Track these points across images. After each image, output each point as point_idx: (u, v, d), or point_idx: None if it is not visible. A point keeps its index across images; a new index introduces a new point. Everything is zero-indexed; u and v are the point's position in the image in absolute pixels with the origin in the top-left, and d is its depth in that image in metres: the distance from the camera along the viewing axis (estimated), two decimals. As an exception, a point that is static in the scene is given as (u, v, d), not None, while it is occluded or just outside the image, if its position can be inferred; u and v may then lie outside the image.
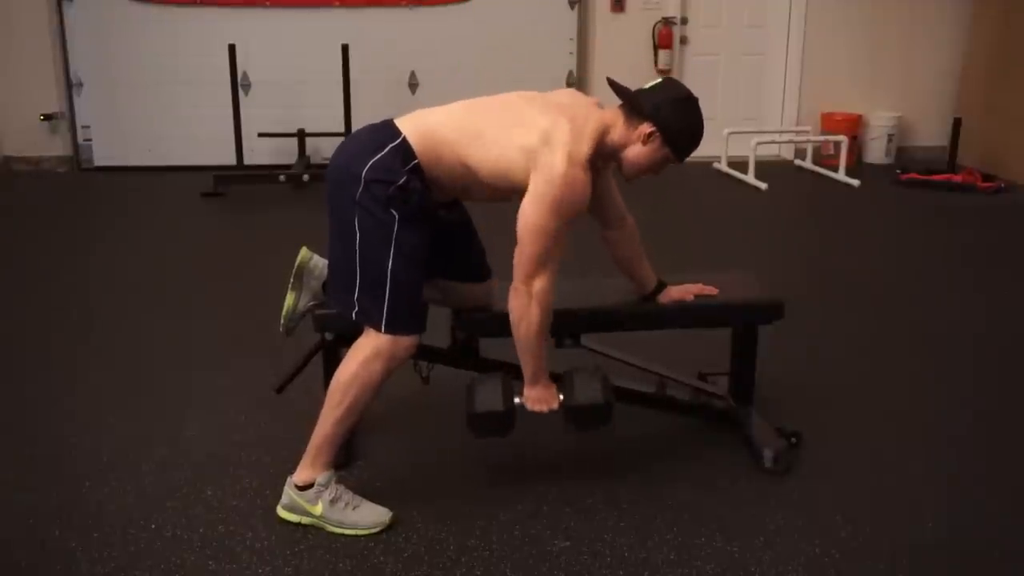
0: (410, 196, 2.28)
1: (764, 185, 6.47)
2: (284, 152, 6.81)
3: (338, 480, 2.42)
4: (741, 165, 6.76)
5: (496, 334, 2.67)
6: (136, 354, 3.54)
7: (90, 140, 7.06)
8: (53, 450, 2.80)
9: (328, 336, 2.65)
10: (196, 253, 4.95)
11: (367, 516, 2.39)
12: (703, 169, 7.06)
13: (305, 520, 2.39)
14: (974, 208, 6.07)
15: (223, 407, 3.08)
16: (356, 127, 2.87)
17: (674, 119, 2.35)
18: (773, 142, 7.25)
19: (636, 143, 2.36)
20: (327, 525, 2.38)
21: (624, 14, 7.19)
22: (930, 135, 7.53)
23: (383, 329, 2.31)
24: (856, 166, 7.19)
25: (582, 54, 7.34)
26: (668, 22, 7.22)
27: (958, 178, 6.62)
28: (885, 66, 7.44)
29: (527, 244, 2.27)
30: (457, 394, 3.03)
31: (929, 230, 5.56)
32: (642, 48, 7.18)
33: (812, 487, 2.62)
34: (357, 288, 2.32)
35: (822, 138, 7.17)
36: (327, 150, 6.79)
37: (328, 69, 6.47)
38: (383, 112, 2.44)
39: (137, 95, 6.96)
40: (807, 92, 7.47)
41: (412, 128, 2.33)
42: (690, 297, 2.75)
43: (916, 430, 2.98)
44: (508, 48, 7.03)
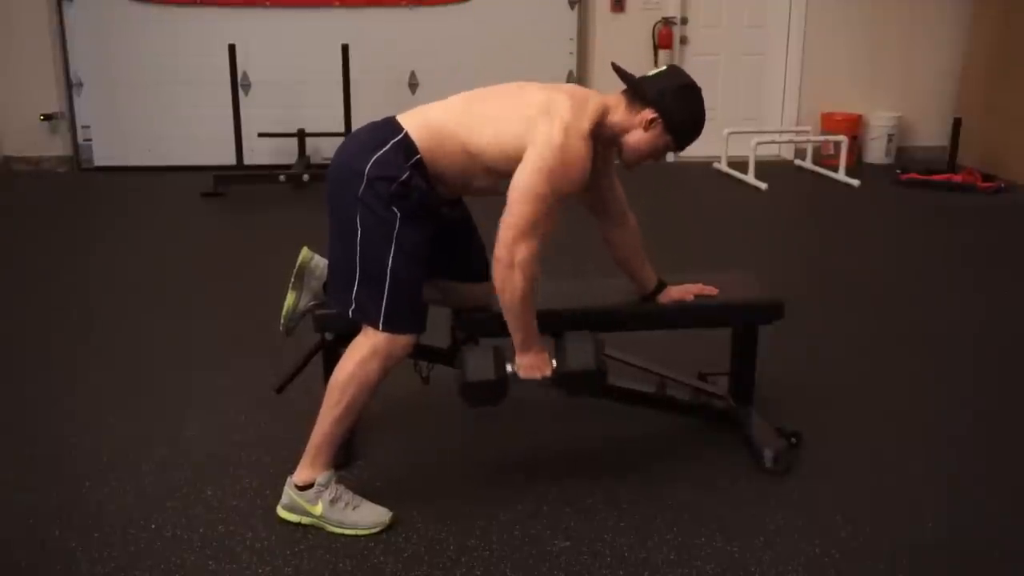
0: (412, 193, 2.28)
1: (764, 185, 6.46)
2: (284, 152, 6.81)
3: (338, 480, 2.42)
4: (741, 165, 6.75)
5: (496, 334, 2.67)
6: (136, 354, 3.54)
7: (90, 140, 7.06)
8: (53, 450, 2.80)
9: (328, 336, 2.65)
10: (196, 253, 4.95)
11: (367, 516, 2.39)
12: (703, 169, 7.04)
13: (305, 520, 2.39)
14: (974, 208, 6.07)
15: (223, 407, 3.08)
16: (356, 127, 2.87)
17: (677, 106, 2.35)
18: (773, 142, 7.25)
19: (637, 129, 2.36)
20: (327, 525, 2.37)
21: (624, 14, 7.19)
22: (930, 135, 7.53)
23: (380, 327, 2.31)
24: (856, 166, 7.18)
25: (582, 54, 7.34)
26: (668, 22, 7.22)
27: (958, 178, 6.62)
28: (885, 66, 7.43)
29: (515, 209, 2.23)
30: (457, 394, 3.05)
31: (929, 230, 5.56)
32: (642, 48, 7.18)
33: (812, 487, 2.62)
34: (356, 285, 2.32)
35: (822, 138, 7.17)
36: (327, 150, 6.80)
37: (328, 69, 6.47)
38: (383, 112, 2.44)
39: (137, 95, 6.96)
40: (807, 92, 7.47)
41: (413, 123, 2.34)
42: (690, 297, 2.75)
43: (916, 430, 2.98)
44: (508, 48, 7.03)
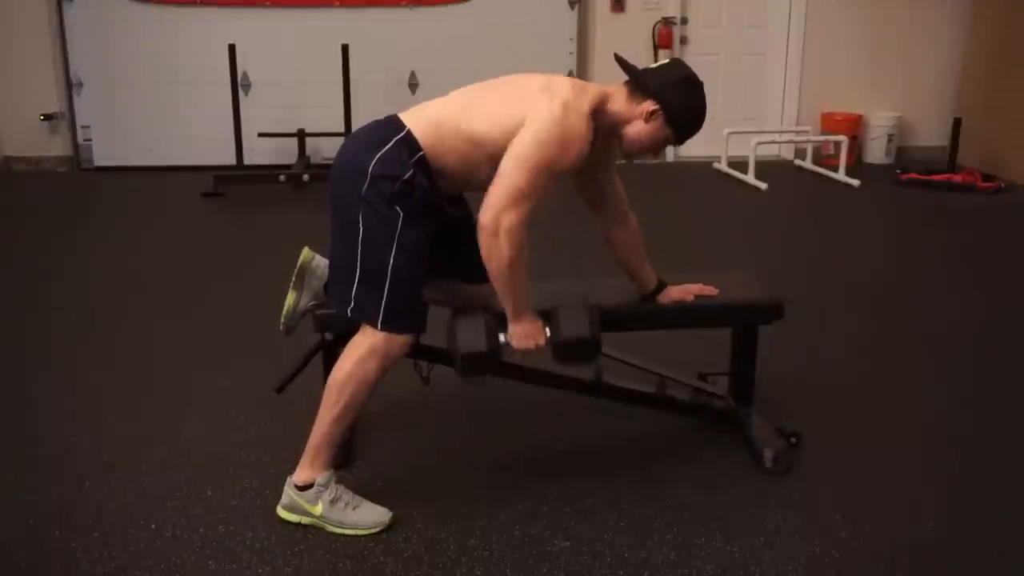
0: (415, 191, 2.28)
1: (764, 185, 6.46)
2: (284, 152, 6.81)
3: (338, 480, 2.42)
4: (741, 165, 6.75)
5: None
6: (136, 354, 3.54)
7: (90, 140, 7.06)
8: (53, 450, 2.80)
9: (328, 336, 2.65)
10: (196, 253, 4.95)
11: (367, 516, 2.38)
12: (703, 169, 7.04)
13: (305, 520, 2.39)
14: (974, 208, 6.07)
15: (223, 407, 3.08)
16: (356, 127, 2.87)
17: (678, 99, 2.35)
18: (773, 142, 7.25)
19: (638, 120, 2.36)
20: (327, 525, 2.37)
21: (624, 14, 7.19)
22: (930, 135, 7.53)
23: (379, 326, 2.31)
24: (856, 166, 7.18)
25: (582, 54, 7.34)
26: (668, 22, 7.22)
27: (958, 178, 6.62)
28: (885, 66, 7.43)
29: (506, 177, 2.22)
30: (457, 394, 3.05)
31: (929, 230, 5.56)
32: (642, 48, 7.17)
33: (812, 487, 2.62)
34: (356, 283, 2.32)
35: (822, 138, 7.17)
36: (327, 150, 6.80)
37: (328, 69, 6.47)
38: (383, 112, 2.44)
39: (137, 95, 6.95)
40: (807, 92, 7.47)
41: (415, 120, 2.34)
42: (690, 297, 2.74)
43: (916, 430, 2.98)
44: (508, 48, 7.03)
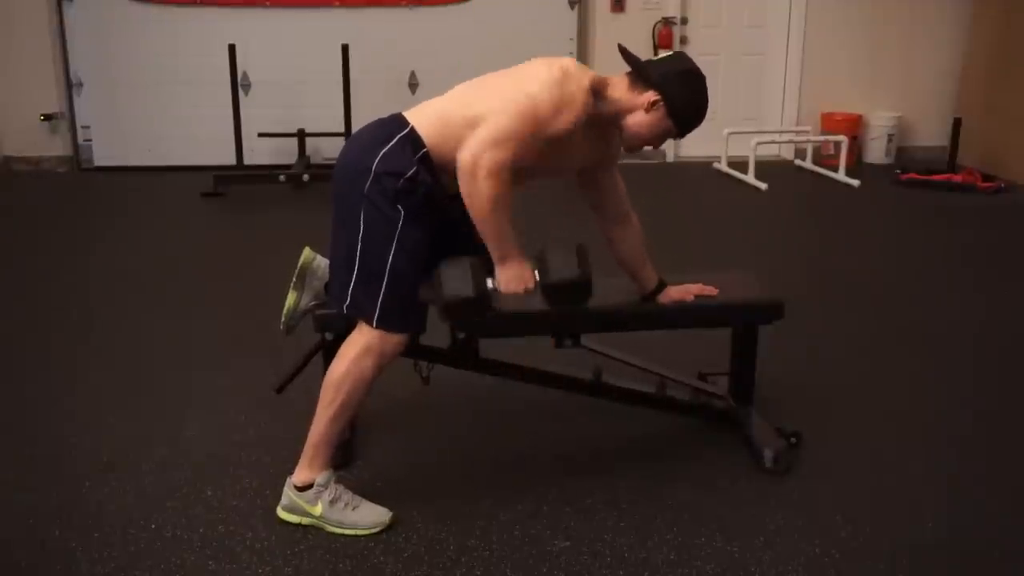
0: (418, 188, 2.28)
1: (764, 185, 6.46)
2: (284, 152, 6.81)
3: (337, 480, 2.42)
4: (741, 165, 6.75)
5: (496, 334, 2.68)
6: (136, 354, 3.54)
7: (90, 140, 7.06)
8: (53, 450, 2.80)
9: (328, 336, 2.65)
10: (196, 253, 4.95)
11: (367, 516, 2.38)
12: (703, 169, 7.05)
13: (305, 521, 2.39)
14: (974, 208, 6.07)
15: (223, 407, 3.08)
16: (356, 127, 2.86)
17: (680, 91, 2.35)
18: (773, 142, 7.24)
19: (639, 110, 2.36)
20: (327, 525, 2.37)
21: (624, 14, 7.19)
22: (930, 135, 7.53)
23: (375, 324, 2.31)
24: (856, 166, 7.18)
25: (582, 54, 7.33)
26: (668, 22, 7.22)
27: (958, 178, 6.62)
28: (885, 66, 7.43)
29: (489, 119, 2.21)
30: (457, 394, 3.05)
31: (929, 230, 5.56)
32: (642, 48, 7.16)
33: (812, 487, 2.62)
34: (353, 281, 2.32)
35: (822, 138, 7.17)
36: (327, 150, 6.80)
37: (328, 69, 6.46)
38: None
39: (137, 95, 6.95)
40: (807, 92, 7.47)
41: (418, 117, 2.34)
42: (690, 297, 2.74)
43: (916, 430, 2.98)
44: (508, 48, 6.95)
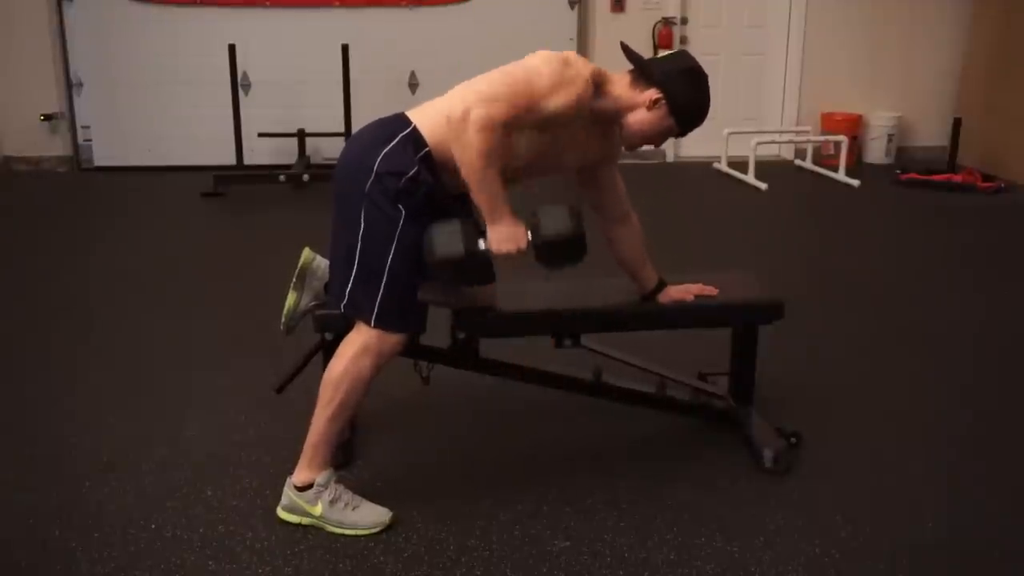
0: (419, 188, 2.28)
1: (764, 185, 6.46)
2: (284, 152, 6.81)
3: (338, 480, 2.42)
4: (741, 165, 6.75)
5: (496, 334, 2.68)
6: (136, 354, 3.54)
7: (90, 140, 7.05)
8: (53, 450, 2.80)
9: (328, 336, 2.65)
10: (196, 253, 4.95)
11: (367, 516, 2.38)
12: (703, 169, 7.04)
13: (305, 521, 2.39)
14: (974, 208, 6.06)
15: (223, 407, 3.08)
16: (356, 127, 2.87)
17: (683, 89, 2.35)
18: (773, 142, 7.24)
19: (641, 108, 2.36)
20: (327, 525, 2.37)
21: (624, 14, 7.19)
22: (930, 135, 7.53)
23: (372, 323, 2.31)
24: (856, 166, 7.18)
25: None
26: (668, 22, 7.22)
27: (958, 178, 6.62)
28: (885, 66, 7.43)
29: (484, 81, 2.24)
30: (457, 394, 3.05)
31: (929, 230, 5.56)
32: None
33: (812, 487, 2.62)
34: (351, 280, 2.32)
35: (822, 138, 7.17)
36: (327, 150, 6.80)
37: (328, 69, 6.46)
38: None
39: (137, 95, 6.95)
40: (807, 92, 7.47)
41: (420, 116, 2.35)
42: (690, 297, 2.75)
43: (916, 430, 2.98)
44: (508, 48, 6.89)
